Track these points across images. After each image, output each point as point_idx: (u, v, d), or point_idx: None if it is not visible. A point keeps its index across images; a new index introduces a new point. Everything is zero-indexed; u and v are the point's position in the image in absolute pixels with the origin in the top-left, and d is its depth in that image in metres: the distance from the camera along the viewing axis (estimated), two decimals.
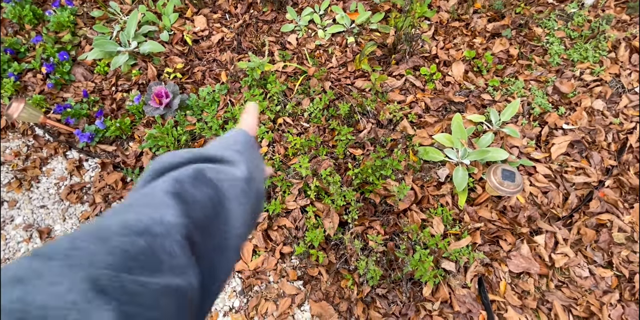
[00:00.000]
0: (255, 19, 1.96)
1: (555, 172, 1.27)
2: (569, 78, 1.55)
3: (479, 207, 1.18)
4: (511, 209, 1.18)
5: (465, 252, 1.06)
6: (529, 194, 1.21)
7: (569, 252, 1.10)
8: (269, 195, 1.24)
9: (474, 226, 1.14)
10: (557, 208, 1.19)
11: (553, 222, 1.16)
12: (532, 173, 1.27)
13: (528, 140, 1.35)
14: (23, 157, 1.42)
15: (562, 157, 1.31)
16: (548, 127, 1.37)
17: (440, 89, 1.58)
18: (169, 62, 1.78)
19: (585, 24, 1.74)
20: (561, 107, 1.44)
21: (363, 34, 1.85)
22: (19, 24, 1.93)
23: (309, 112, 1.48)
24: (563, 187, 1.23)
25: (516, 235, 1.14)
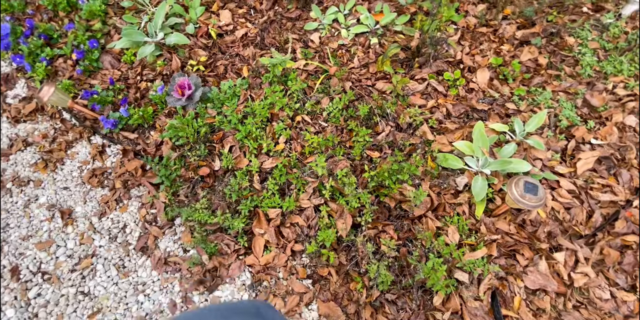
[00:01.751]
0: (279, 15, 1.95)
1: (580, 188, 1.21)
2: (600, 91, 1.48)
3: (497, 218, 1.14)
4: (531, 223, 1.13)
5: (480, 264, 1.02)
6: (550, 209, 1.16)
7: (590, 272, 1.05)
8: (283, 192, 1.23)
9: (490, 238, 1.10)
10: (580, 225, 1.14)
11: (574, 239, 1.11)
12: (555, 187, 1.21)
13: (553, 153, 1.29)
14: (50, 139, 1.46)
15: (589, 173, 1.25)
16: (575, 141, 1.31)
17: (463, 95, 1.53)
18: (193, 54, 1.79)
19: (622, 35, 1.66)
20: (590, 121, 1.37)
21: (387, 36, 1.82)
22: (54, 10, 1.98)
23: (327, 112, 1.46)
24: (587, 204, 1.17)
25: (534, 251, 1.09)
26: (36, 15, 1.99)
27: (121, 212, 1.26)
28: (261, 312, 0.40)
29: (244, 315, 0.35)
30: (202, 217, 1.14)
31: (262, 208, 1.17)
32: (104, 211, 1.26)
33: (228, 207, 1.21)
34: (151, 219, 1.24)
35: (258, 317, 0.39)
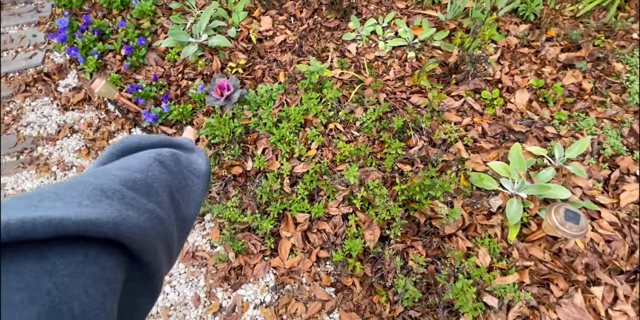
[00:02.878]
0: (318, 24, 2.04)
1: (622, 220, 1.18)
2: None
3: (531, 244, 1.13)
4: (567, 252, 1.11)
5: (511, 290, 1.01)
6: (589, 240, 1.14)
7: (630, 311, 1.01)
8: (313, 198, 1.27)
9: (522, 264, 1.09)
10: (621, 260, 1.11)
11: (614, 274, 1.08)
12: (595, 218, 1.19)
13: (594, 182, 1.27)
14: (94, 128, 1.57)
15: (633, 206, 1.22)
16: (619, 171, 1.29)
17: (500, 115, 1.54)
18: (233, 57, 1.89)
19: None
20: (637, 152, 1.34)
21: (424, 50, 1.86)
22: (108, 8, 2.15)
23: (361, 122, 1.51)
24: (630, 239, 1.14)
25: (570, 282, 1.07)
26: (92, 12, 2.17)
27: None
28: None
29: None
30: (232, 215, 1.20)
31: (291, 211, 1.22)
32: None
33: (258, 208, 1.26)
34: None
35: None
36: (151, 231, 0.24)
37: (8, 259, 0.17)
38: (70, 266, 0.18)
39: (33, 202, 0.21)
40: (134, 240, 0.22)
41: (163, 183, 0.30)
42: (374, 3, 2.16)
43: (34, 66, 1.90)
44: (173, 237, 0.29)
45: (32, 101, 1.71)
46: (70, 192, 0.22)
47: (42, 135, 1.57)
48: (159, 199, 0.29)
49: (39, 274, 0.17)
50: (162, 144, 0.38)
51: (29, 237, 0.17)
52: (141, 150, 0.35)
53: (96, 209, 0.21)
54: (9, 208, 0.19)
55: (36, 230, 0.17)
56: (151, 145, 0.36)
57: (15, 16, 2.19)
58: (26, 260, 0.17)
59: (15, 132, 1.58)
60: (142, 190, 0.27)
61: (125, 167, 0.29)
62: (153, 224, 0.25)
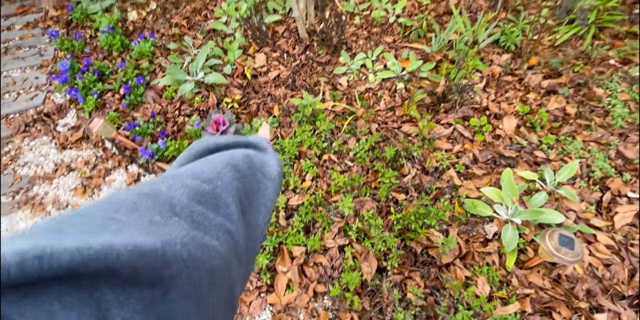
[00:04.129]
0: (310, 60, 2.29)
1: (619, 243, 1.26)
2: (634, 143, 1.59)
3: (530, 271, 1.20)
4: (567, 278, 1.18)
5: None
6: (588, 265, 1.21)
7: None
8: (308, 230, 1.36)
9: (523, 292, 1.15)
10: (622, 285, 1.17)
11: (617, 300, 1.14)
12: (591, 241, 1.27)
13: (587, 205, 1.37)
14: (91, 166, 1.70)
15: (628, 227, 1.30)
16: (610, 193, 1.40)
17: (489, 141, 1.69)
18: (229, 92, 2.10)
19: None
20: (626, 173, 1.46)
21: (413, 81, 2.07)
22: (109, 50, 2.42)
23: (354, 152, 1.65)
24: (629, 262, 1.21)
25: (572, 310, 1.12)
26: (93, 54, 2.43)
27: None
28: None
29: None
30: None
31: (287, 245, 1.29)
32: None
33: None
34: None
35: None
36: (221, 247, 0.26)
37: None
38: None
39: (109, 215, 0.21)
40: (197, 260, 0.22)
41: (233, 191, 0.31)
42: (363, 38, 2.44)
43: (35, 107, 2.09)
44: (242, 249, 0.30)
45: (31, 141, 1.86)
46: (146, 203, 0.24)
47: (38, 174, 1.69)
48: (227, 211, 0.29)
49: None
50: (238, 145, 0.40)
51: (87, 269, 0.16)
52: (219, 150, 0.37)
53: (166, 228, 0.22)
54: (63, 229, 0.18)
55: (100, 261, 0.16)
56: (227, 146, 0.39)
57: (19, 60, 2.45)
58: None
59: (12, 172, 1.70)
60: (210, 203, 0.28)
61: (197, 174, 0.30)
62: (221, 240, 0.26)
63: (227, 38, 2.44)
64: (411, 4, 2.63)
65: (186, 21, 2.69)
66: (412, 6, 2.62)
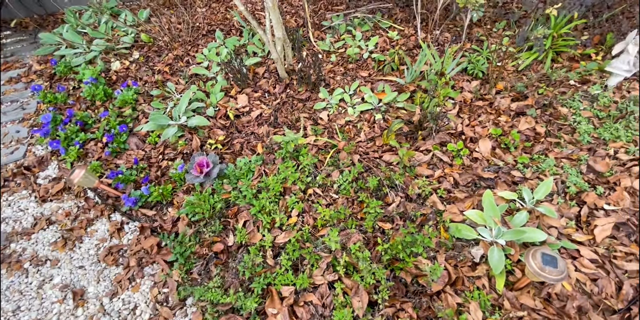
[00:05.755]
0: (291, 97, 2.50)
1: (602, 256, 1.35)
2: (602, 157, 1.76)
3: (520, 292, 1.26)
4: (557, 297, 1.24)
5: None
6: (575, 281, 1.29)
7: None
8: (297, 268, 1.41)
9: (516, 315, 1.20)
10: (611, 299, 1.24)
11: (608, 315, 1.20)
12: (576, 257, 1.36)
13: (567, 221, 1.49)
14: (72, 217, 1.76)
15: (609, 240, 1.41)
16: (587, 207, 1.52)
17: (468, 164, 1.84)
18: (212, 134, 2.25)
19: (612, 104, 2.05)
20: (599, 187, 1.60)
21: (390, 112, 2.27)
22: (92, 100, 2.60)
23: (338, 184, 1.76)
24: (614, 275, 1.30)
25: None
26: (76, 105, 2.60)
27: (133, 292, 1.43)
28: None
29: None
30: (215, 296, 1.31)
31: (275, 286, 1.34)
32: (115, 291, 1.44)
33: (241, 285, 1.38)
34: (163, 299, 1.40)
35: None
36: None
37: None
38: None
39: None
40: None
41: None
42: (340, 74, 2.70)
43: (15, 161, 2.18)
44: None
45: (10, 196, 1.92)
46: None
47: (16, 230, 1.73)
48: None
49: None
50: None
51: None
52: None
53: None
54: None
55: None
56: None
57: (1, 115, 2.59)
58: None
59: None
60: None
61: None
62: None
63: (209, 82, 2.67)
64: (383, 40, 2.96)
65: (169, 68, 2.94)
66: (383, 42, 2.95)
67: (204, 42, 3.20)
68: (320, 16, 3.46)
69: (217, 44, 3.07)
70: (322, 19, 3.37)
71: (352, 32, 3.06)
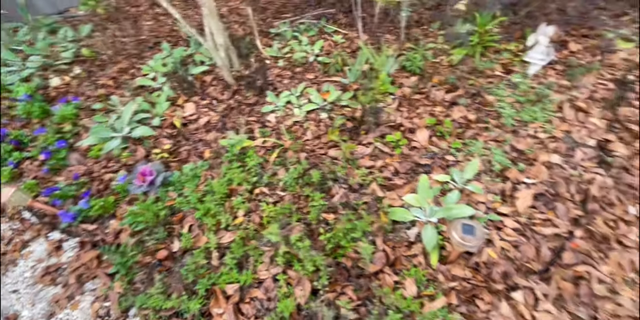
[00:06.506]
0: (239, 103, 2.53)
1: (524, 225, 1.48)
2: (524, 136, 1.94)
3: (452, 265, 1.35)
4: (484, 265, 1.34)
5: (441, 314, 1.17)
6: (500, 249, 1.40)
7: (552, 309, 1.21)
8: (242, 266, 1.42)
9: (448, 286, 1.28)
10: (532, 262, 1.35)
11: (529, 276, 1.31)
12: (500, 227, 1.48)
13: (493, 196, 1.61)
14: (6, 241, 1.66)
15: (529, 210, 1.54)
16: (510, 182, 1.66)
17: (407, 153, 1.95)
18: (158, 143, 2.22)
19: (530, 90, 2.26)
20: (520, 163, 1.76)
21: (335, 110, 2.37)
22: (27, 118, 2.48)
23: (284, 181, 1.80)
24: (534, 240, 1.42)
25: (493, 293, 1.26)
26: (10, 124, 2.48)
27: (72, 310, 1.37)
28: None
29: None
30: (157, 302, 1.29)
31: (219, 285, 1.34)
32: (52, 312, 1.37)
33: (185, 289, 1.37)
34: (104, 313, 1.35)
35: None
36: None
37: None
38: None
39: None
40: None
41: None
42: (288, 78, 2.77)
43: None
44: None
45: None
46: None
47: None
48: None
49: None
50: None
51: None
52: None
53: None
54: None
55: None
56: None
57: None
58: None
59: None
60: None
61: None
62: None
63: (155, 92, 2.65)
64: (328, 44, 3.08)
65: (113, 81, 2.88)
66: (329, 45, 3.07)
67: (151, 54, 3.17)
68: (268, 24, 3.55)
69: (163, 55, 3.06)
70: (270, 27, 3.46)
71: (298, 37, 3.16)
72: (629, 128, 1.94)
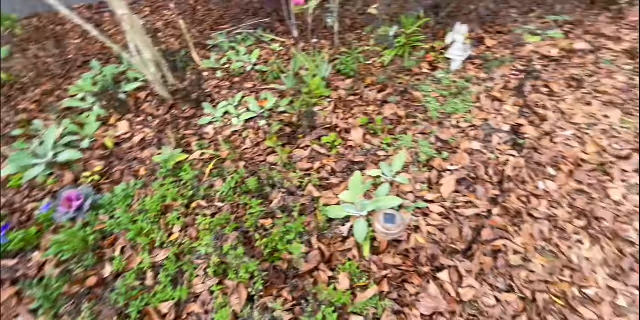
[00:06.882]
0: (175, 117, 2.49)
1: (448, 209, 1.59)
2: (448, 127, 2.09)
3: (383, 254, 1.41)
4: (413, 250, 1.42)
5: (372, 303, 1.22)
6: (427, 233, 1.49)
7: (474, 284, 1.31)
8: (177, 282, 1.39)
9: (381, 275, 1.34)
10: (456, 242, 1.46)
11: (454, 256, 1.41)
12: (427, 213, 1.58)
13: (421, 185, 1.72)
14: None
15: (453, 194, 1.66)
16: (436, 171, 1.78)
17: (343, 153, 2.02)
18: (88, 166, 2.12)
19: (452, 84, 2.45)
20: (444, 152, 1.89)
21: (273, 117, 2.40)
22: None
23: (221, 192, 1.79)
24: (457, 222, 1.53)
25: (422, 276, 1.34)
26: None
27: None
28: None
29: None
30: None
31: (152, 305, 1.30)
32: None
33: (117, 314, 1.31)
34: None
35: None
36: None
37: None
38: None
39: None
40: None
41: None
42: (226, 88, 2.77)
43: None
44: None
45: None
46: None
47: None
48: None
49: None
50: None
51: None
52: None
53: None
54: None
55: None
56: None
57: None
58: None
59: None
60: None
61: None
62: None
63: (85, 113, 2.53)
64: (266, 52, 3.13)
65: (36, 105, 2.71)
66: (266, 54, 3.12)
67: (79, 74, 3.03)
68: (206, 36, 3.54)
69: (93, 73, 2.94)
70: (208, 38, 3.45)
71: (235, 48, 3.18)
72: (537, 112, 2.17)
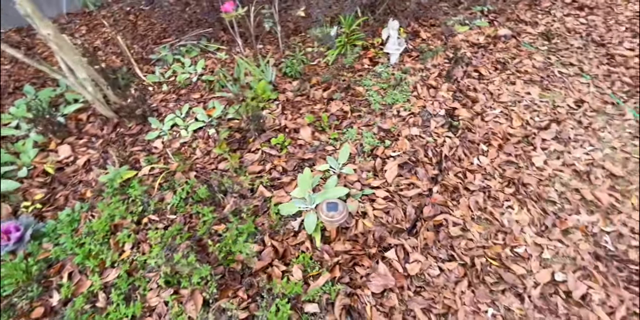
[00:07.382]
0: (121, 135, 2.44)
1: (392, 193, 1.69)
2: (390, 117, 2.22)
3: (334, 242, 1.48)
4: (362, 235, 1.50)
5: (325, 289, 1.28)
6: (374, 217, 1.58)
7: (420, 258, 1.40)
8: (129, 299, 1.37)
9: (333, 262, 1.40)
10: (401, 222, 1.55)
11: (400, 235, 1.50)
12: (374, 199, 1.67)
13: (366, 173, 1.81)
14: None
15: (397, 179, 1.77)
16: (380, 159, 1.89)
17: (293, 152, 2.08)
18: (28, 195, 2.03)
19: (391, 77, 2.60)
20: (387, 140, 2.01)
21: (222, 124, 2.42)
22: None
23: (172, 204, 1.78)
24: (401, 203, 1.63)
25: (371, 258, 1.42)
26: None
27: None
28: None
29: None
30: None
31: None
32: None
33: None
34: None
35: None
36: None
37: None
38: None
39: None
40: None
41: None
42: (172, 101, 2.75)
43: None
44: None
45: None
46: None
47: None
48: None
49: None
50: None
51: None
52: None
53: None
54: None
55: None
56: None
57: None
58: None
59: None
60: None
61: None
62: None
63: (20, 141, 2.41)
64: (211, 62, 3.14)
65: None
66: (212, 63, 3.13)
67: (11, 101, 2.88)
68: (149, 50, 3.49)
69: (27, 99, 2.81)
70: (152, 53, 3.40)
71: (180, 60, 3.17)
72: (469, 95, 2.35)
